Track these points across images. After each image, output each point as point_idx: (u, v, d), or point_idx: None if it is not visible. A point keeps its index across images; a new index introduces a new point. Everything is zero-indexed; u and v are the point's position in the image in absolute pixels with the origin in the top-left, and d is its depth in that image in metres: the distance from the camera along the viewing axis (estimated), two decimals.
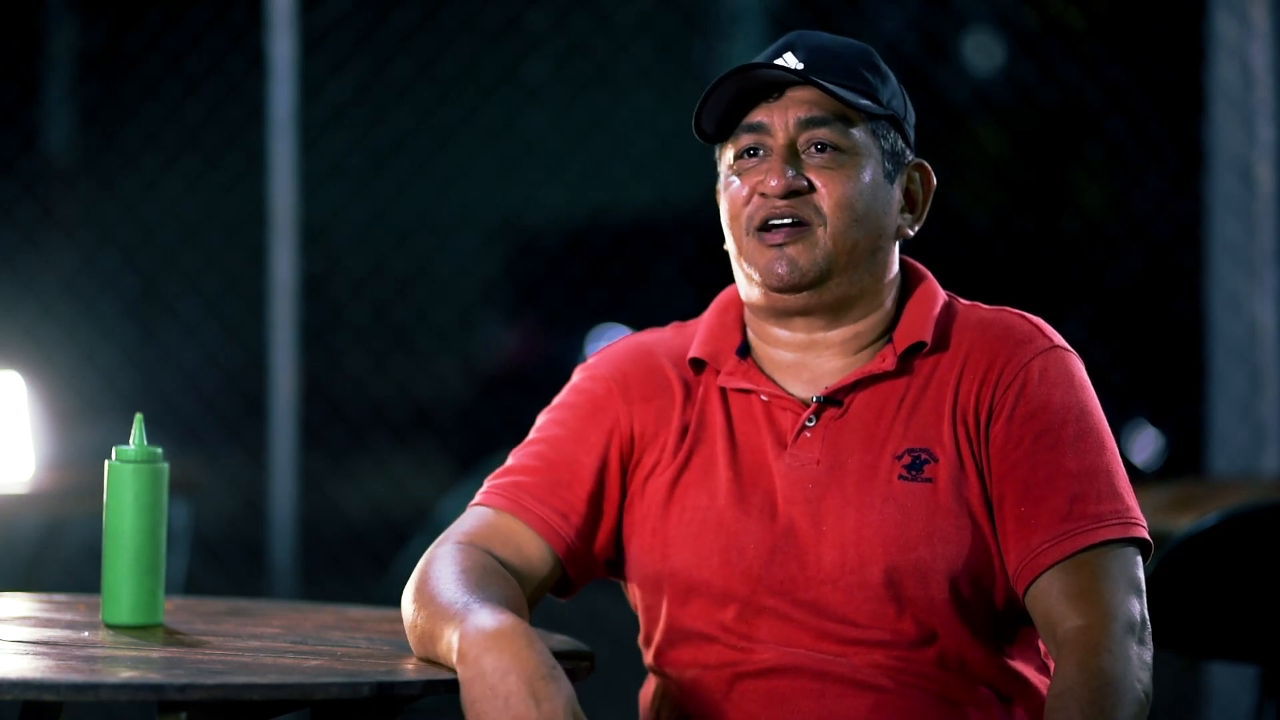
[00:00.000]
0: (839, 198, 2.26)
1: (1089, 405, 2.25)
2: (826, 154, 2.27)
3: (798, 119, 2.27)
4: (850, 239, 2.27)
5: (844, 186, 2.26)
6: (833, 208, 2.26)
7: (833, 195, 2.26)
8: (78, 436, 5.33)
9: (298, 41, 5.49)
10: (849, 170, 2.27)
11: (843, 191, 2.26)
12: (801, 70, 2.26)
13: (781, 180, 2.25)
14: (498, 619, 2.04)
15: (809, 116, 2.26)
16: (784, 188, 2.25)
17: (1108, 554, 2.18)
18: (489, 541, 2.29)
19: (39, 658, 2.11)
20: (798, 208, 2.26)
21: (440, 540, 2.28)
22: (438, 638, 2.10)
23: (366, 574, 5.94)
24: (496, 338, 8.25)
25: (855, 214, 2.26)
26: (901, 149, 2.32)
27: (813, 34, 2.33)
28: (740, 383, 2.33)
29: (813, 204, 2.26)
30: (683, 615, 2.29)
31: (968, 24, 7.87)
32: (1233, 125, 4.93)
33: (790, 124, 2.27)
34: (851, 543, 2.23)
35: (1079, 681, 2.09)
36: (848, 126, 2.27)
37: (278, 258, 5.49)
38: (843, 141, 2.27)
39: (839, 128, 2.27)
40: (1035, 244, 7.07)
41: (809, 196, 2.26)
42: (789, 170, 2.25)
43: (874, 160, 2.29)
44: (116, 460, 2.32)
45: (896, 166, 2.31)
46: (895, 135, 2.31)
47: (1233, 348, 4.94)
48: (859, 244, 2.27)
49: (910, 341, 2.29)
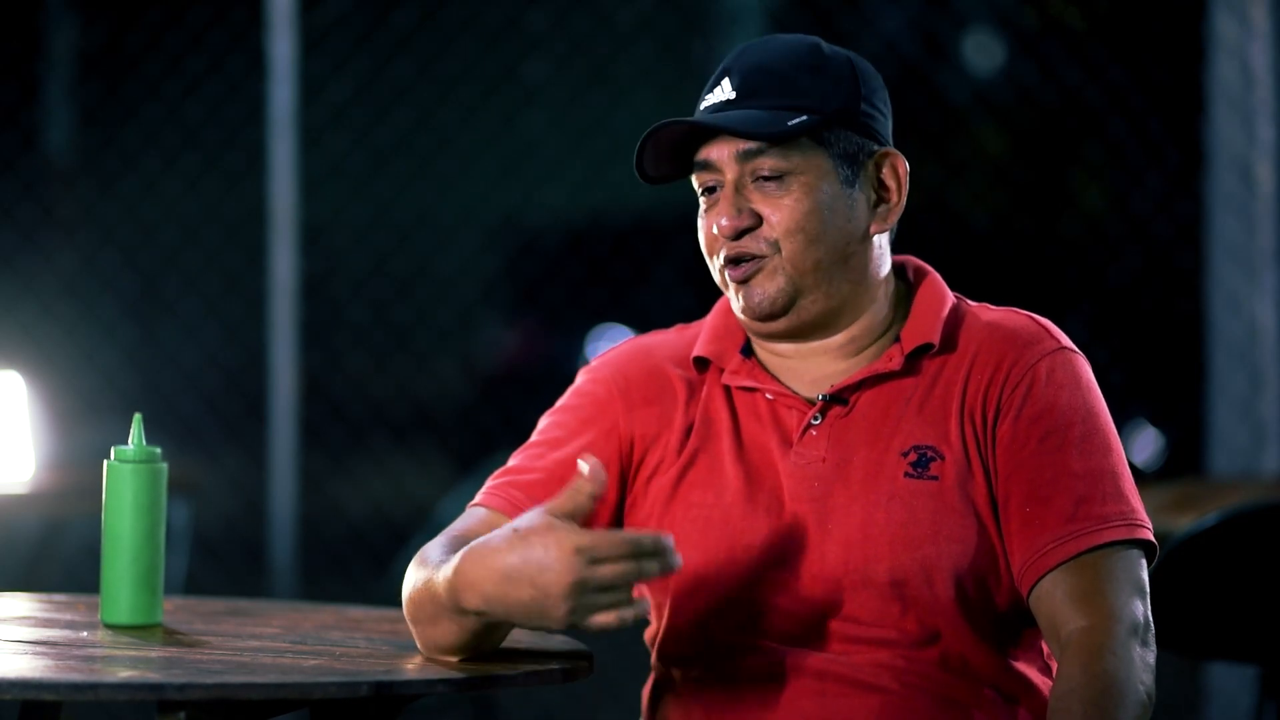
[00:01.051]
0: (788, 225, 2.25)
1: (1095, 407, 2.25)
2: (770, 183, 2.26)
3: (736, 152, 2.26)
4: (810, 259, 2.26)
5: (791, 212, 2.25)
6: (783, 235, 2.25)
7: (782, 224, 2.25)
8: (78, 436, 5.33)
9: (298, 41, 5.49)
10: (796, 193, 2.25)
11: (791, 217, 2.25)
12: (733, 100, 2.26)
13: (730, 222, 2.26)
14: (482, 540, 2.06)
15: (745, 150, 2.26)
16: (731, 230, 2.26)
17: (1112, 556, 2.18)
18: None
19: (38, 657, 2.11)
20: (748, 244, 2.26)
21: (436, 538, 2.29)
22: (434, 583, 2.10)
23: (366, 574, 5.94)
24: (496, 338, 8.24)
25: (809, 235, 2.25)
26: (858, 145, 2.28)
27: (753, 48, 2.31)
28: (745, 381, 2.33)
29: (762, 237, 2.26)
30: (686, 613, 2.29)
31: (968, 24, 7.87)
32: (1233, 125, 4.93)
33: (732, 158, 2.27)
34: (857, 541, 2.23)
35: (1082, 683, 2.10)
36: (786, 149, 2.25)
37: (278, 258, 5.49)
38: (784, 165, 2.25)
39: (777, 153, 2.25)
40: (1035, 244, 7.07)
41: (758, 230, 2.26)
42: (735, 210, 2.26)
43: (823, 171, 2.26)
44: (116, 460, 2.32)
45: (855, 167, 2.29)
46: (847, 134, 2.28)
47: (1233, 348, 4.94)
48: (821, 260, 2.26)
49: (918, 342, 2.29)
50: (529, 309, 8.14)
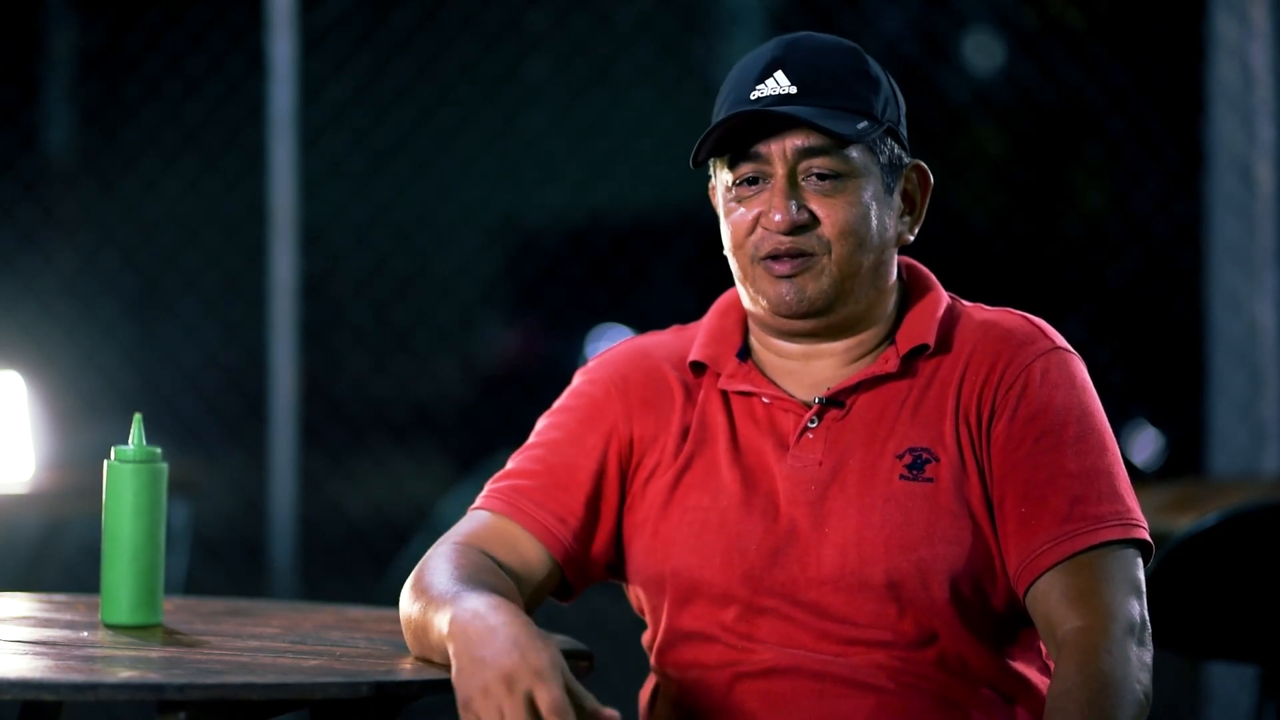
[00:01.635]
0: (842, 226, 2.25)
1: (1090, 407, 2.25)
2: (826, 182, 2.25)
3: (796, 148, 2.25)
4: (855, 263, 2.26)
5: (846, 213, 2.25)
6: (836, 237, 2.25)
7: (836, 225, 2.25)
8: (78, 436, 5.33)
9: (298, 41, 5.49)
10: (849, 195, 2.25)
11: (845, 219, 2.25)
12: (796, 95, 2.25)
13: (785, 217, 2.24)
14: (489, 600, 2.05)
15: (807, 145, 2.25)
16: (788, 224, 2.24)
17: (1108, 555, 2.18)
18: (486, 544, 2.29)
19: (38, 658, 2.11)
20: (801, 242, 2.25)
21: (438, 543, 2.29)
22: (429, 626, 2.10)
23: (366, 574, 5.94)
24: (496, 338, 8.25)
25: (859, 238, 2.26)
26: (898, 156, 2.31)
27: (801, 43, 2.30)
28: (741, 385, 2.32)
29: (816, 235, 2.25)
30: (684, 615, 2.29)
31: (968, 24, 7.87)
32: (1233, 125, 4.93)
33: (789, 153, 2.25)
34: (853, 543, 2.23)
35: (1078, 683, 2.10)
36: (845, 150, 2.25)
37: (278, 258, 5.49)
38: (841, 167, 2.25)
39: (837, 153, 2.25)
40: (1035, 244, 7.07)
41: (813, 229, 2.25)
42: (791, 204, 2.24)
43: (873, 178, 2.27)
44: (116, 460, 2.32)
45: (895, 175, 2.30)
46: (891, 144, 2.30)
47: (1233, 348, 4.94)
48: (863, 265, 2.27)
49: (913, 344, 2.29)
50: (529, 309, 8.14)
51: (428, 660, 2.13)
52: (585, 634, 2.46)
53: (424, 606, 2.13)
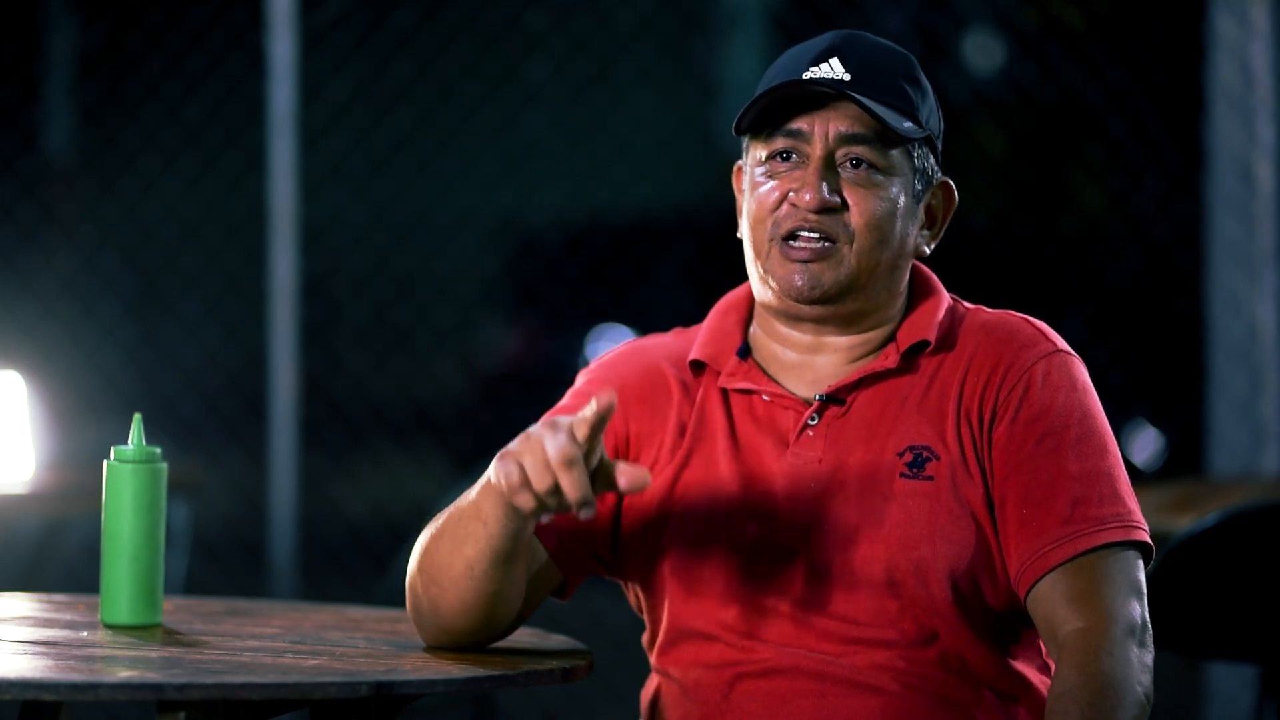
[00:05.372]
0: (869, 218, 2.25)
1: (1091, 409, 2.26)
2: (862, 170, 2.26)
3: (839, 132, 2.25)
4: (874, 259, 2.26)
5: (875, 206, 2.25)
6: (862, 227, 2.25)
7: (863, 215, 2.25)
8: (78, 436, 5.33)
9: (298, 41, 5.49)
10: (882, 190, 2.26)
11: (873, 212, 2.25)
12: (849, 82, 2.25)
13: (816, 196, 2.24)
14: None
15: (851, 132, 2.25)
16: (819, 204, 2.24)
17: (1109, 557, 2.18)
18: None
19: (38, 657, 2.11)
20: (828, 225, 2.25)
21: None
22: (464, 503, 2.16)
23: (366, 574, 5.94)
24: (496, 338, 8.24)
25: (882, 234, 2.26)
26: (932, 168, 2.32)
27: (858, 38, 2.31)
28: (741, 383, 2.32)
29: (843, 221, 2.25)
30: (684, 615, 2.29)
31: (968, 24, 7.87)
32: (1233, 125, 4.93)
33: (830, 135, 2.25)
34: (853, 542, 2.23)
35: (1079, 684, 2.10)
36: (887, 146, 2.26)
37: (278, 258, 5.49)
38: (880, 161, 2.26)
39: (878, 147, 2.26)
40: (1035, 244, 7.08)
41: (840, 214, 2.25)
42: (824, 185, 2.24)
43: (906, 180, 2.28)
44: (115, 460, 2.32)
45: (925, 186, 2.31)
46: (928, 154, 2.31)
47: (1233, 348, 4.94)
48: (880, 263, 2.27)
49: (914, 340, 2.29)
50: (529, 309, 8.13)
51: (429, 660, 2.12)
52: (585, 634, 2.46)
53: (449, 509, 2.18)
